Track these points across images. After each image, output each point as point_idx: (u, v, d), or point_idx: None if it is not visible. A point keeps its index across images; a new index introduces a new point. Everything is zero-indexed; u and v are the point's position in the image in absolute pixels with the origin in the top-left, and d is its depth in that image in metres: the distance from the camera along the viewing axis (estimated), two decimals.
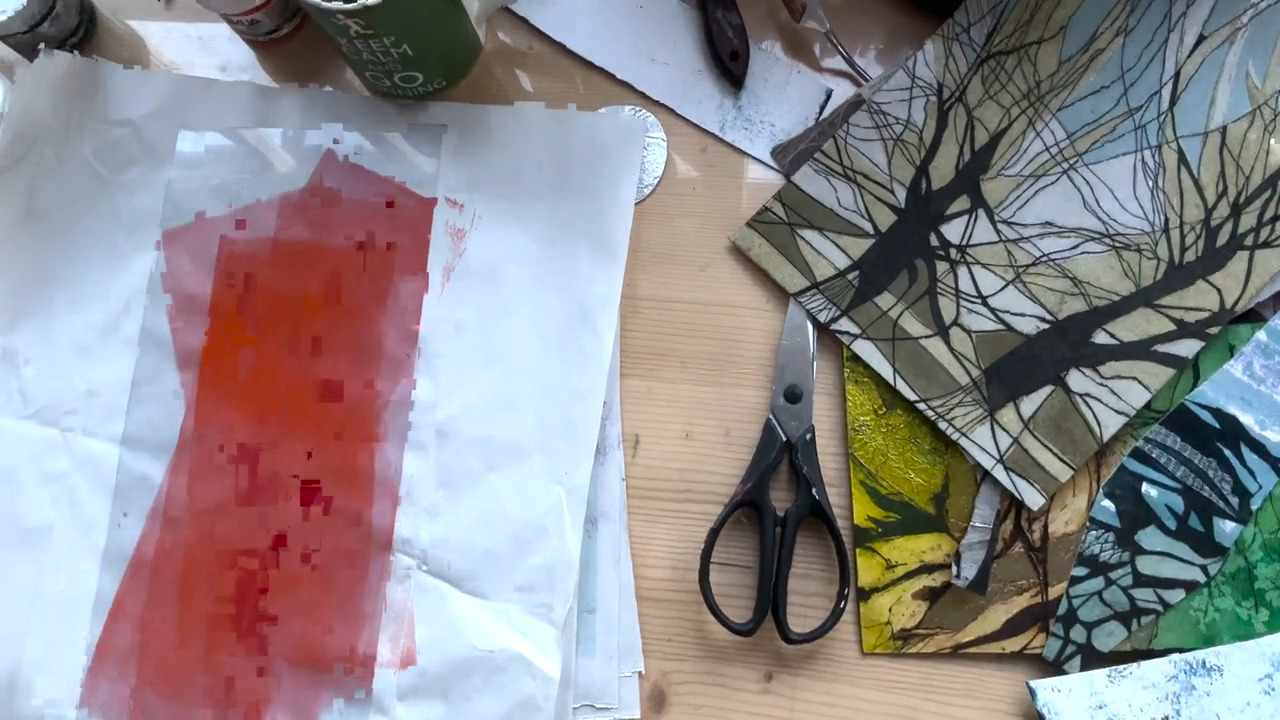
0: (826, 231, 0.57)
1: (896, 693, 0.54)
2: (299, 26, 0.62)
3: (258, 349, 0.57)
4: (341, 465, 0.56)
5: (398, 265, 0.58)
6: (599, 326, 0.56)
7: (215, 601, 0.55)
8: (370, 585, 0.55)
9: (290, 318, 0.58)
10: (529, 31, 0.62)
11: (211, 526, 0.56)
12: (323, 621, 0.54)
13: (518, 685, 0.53)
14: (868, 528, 0.55)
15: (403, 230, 0.58)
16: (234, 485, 0.56)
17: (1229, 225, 0.55)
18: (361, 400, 0.56)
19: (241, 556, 0.55)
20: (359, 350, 0.57)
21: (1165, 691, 0.51)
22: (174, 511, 0.56)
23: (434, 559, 0.55)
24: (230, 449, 0.56)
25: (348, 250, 0.58)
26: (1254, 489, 0.53)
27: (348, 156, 0.59)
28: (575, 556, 0.54)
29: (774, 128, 0.60)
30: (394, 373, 0.57)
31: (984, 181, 0.56)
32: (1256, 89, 0.55)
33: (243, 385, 0.57)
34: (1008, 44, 0.57)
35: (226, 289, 0.58)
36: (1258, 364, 0.54)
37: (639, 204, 0.59)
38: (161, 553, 0.55)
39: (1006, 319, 0.55)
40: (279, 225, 0.59)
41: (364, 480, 0.56)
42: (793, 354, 0.57)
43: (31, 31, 0.59)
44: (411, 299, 0.58)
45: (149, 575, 0.55)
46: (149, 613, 0.55)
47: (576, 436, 0.55)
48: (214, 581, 0.55)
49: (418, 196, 0.59)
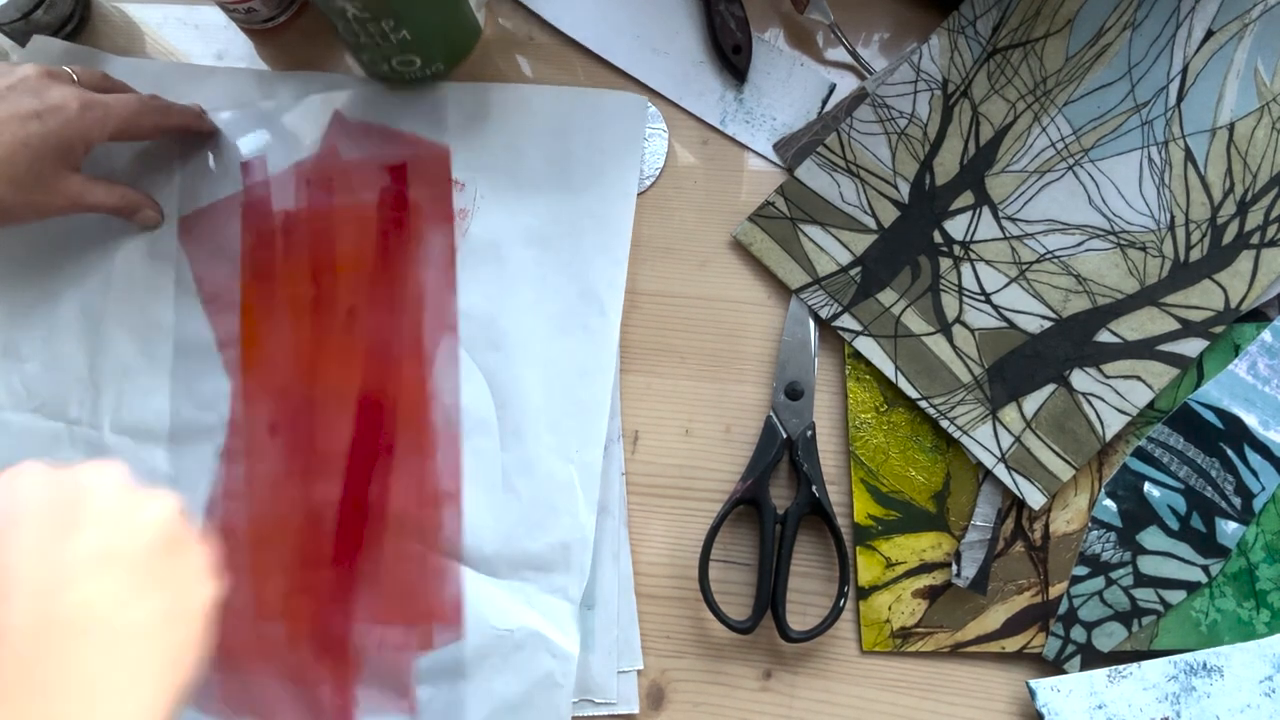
0: (829, 226, 0.57)
1: (896, 691, 0.54)
2: (296, 14, 0.62)
3: (294, 320, 0.57)
4: (400, 419, 0.55)
5: (425, 214, 0.58)
6: (605, 305, 0.56)
7: (288, 575, 0.54)
8: (440, 540, 0.54)
9: (324, 283, 0.57)
10: (529, 18, 0.61)
11: (273, 501, 0.55)
12: (397, 583, 0.54)
13: (537, 663, 0.53)
14: (868, 526, 0.54)
15: (423, 180, 0.58)
16: (289, 459, 0.56)
17: (1235, 223, 0.54)
18: (409, 354, 0.56)
19: (307, 525, 0.55)
20: (398, 304, 0.56)
21: (1165, 692, 0.51)
22: (234, 492, 0.55)
23: (449, 540, 0.54)
24: (282, 424, 0.56)
25: (371, 208, 0.58)
26: (1257, 489, 0.53)
27: (356, 118, 0.59)
28: (590, 534, 0.54)
29: (775, 121, 0.59)
30: (438, 322, 0.56)
31: (988, 177, 0.56)
32: (1265, 85, 0.55)
33: (286, 358, 0.56)
34: (1014, 38, 0.57)
35: (255, 266, 0.58)
36: (1262, 364, 0.54)
37: (640, 196, 0.58)
38: (229, 534, 0.55)
39: (1010, 316, 0.55)
40: (298, 194, 0.58)
41: (424, 431, 0.55)
42: (794, 350, 0.56)
43: (26, 19, 0.58)
44: (443, 246, 0.57)
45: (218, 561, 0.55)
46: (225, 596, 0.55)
47: (586, 415, 0.55)
48: (284, 556, 0.55)
49: (432, 144, 0.58)
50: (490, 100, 0.59)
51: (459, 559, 0.54)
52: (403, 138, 0.59)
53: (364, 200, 0.58)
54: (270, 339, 0.57)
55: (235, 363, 0.56)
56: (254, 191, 0.58)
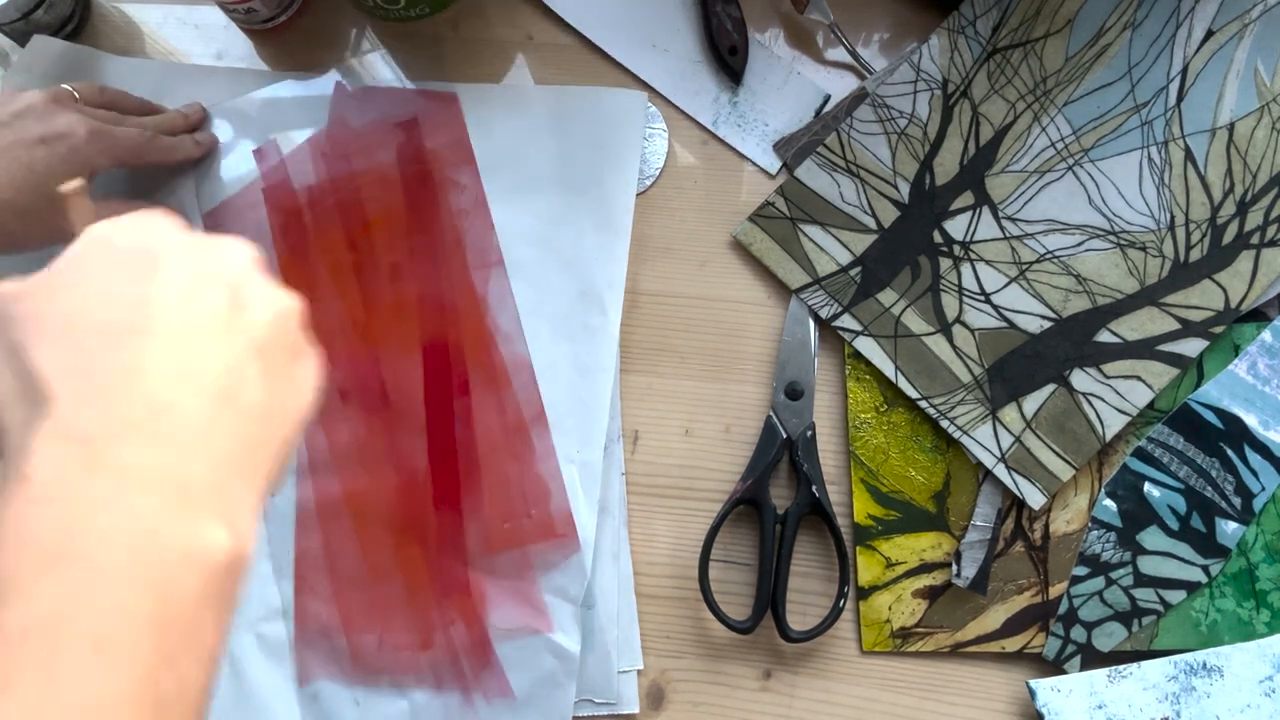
0: (829, 227, 0.57)
1: (896, 691, 0.54)
2: (297, 14, 0.62)
3: (339, 288, 0.57)
4: (469, 358, 0.55)
5: (446, 160, 0.58)
6: (606, 304, 0.56)
7: (394, 532, 0.54)
8: (542, 449, 0.55)
9: (361, 247, 0.57)
10: (530, 12, 0.61)
11: (360, 465, 0.55)
12: (502, 510, 0.54)
13: (538, 663, 0.53)
14: (868, 526, 0.54)
15: (438, 128, 0.58)
16: (369, 421, 0.55)
17: (1235, 223, 0.54)
18: (461, 295, 0.56)
19: (400, 479, 0.55)
20: (439, 251, 0.57)
21: (1165, 692, 0.51)
22: (320, 465, 0.55)
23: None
24: (351, 389, 0.56)
25: (391, 167, 0.58)
26: (1257, 489, 0.53)
27: (357, 84, 0.59)
28: (590, 534, 0.54)
29: (767, 127, 0.59)
30: (482, 259, 0.57)
31: (988, 177, 0.56)
32: (1265, 86, 0.55)
33: (339, 325, 0.56)
34: (1014, 38, 0.57)
35: (289, 245, 0.57)
36: (1262, 364, 0.54)
37: (640, 195, 0.58)
38: (324, 506, 0.55)
39: (1010, 317, 0.55)
40: (316, 169, 0.58)
41: (494, 364, 0.56)
42: (794, 350, 0.56)
43: (26, 19, 0.58)
44: (472, 186, 0.57)
45: (319, 533, 0.55)
46: (335, 565, 0.54)
47: (587, 415, 0.55)
48: (385, 515, 0.55)
49: (438, 94, 0.59)
50: (490, 101, 0.59)
51: (558, 477, 0.54)
52: (408, 94, 0.59)
53: (383, 161, 0.58)
54: (318, 310, 0.56)
55: None
56: (272, 175, 0.58)
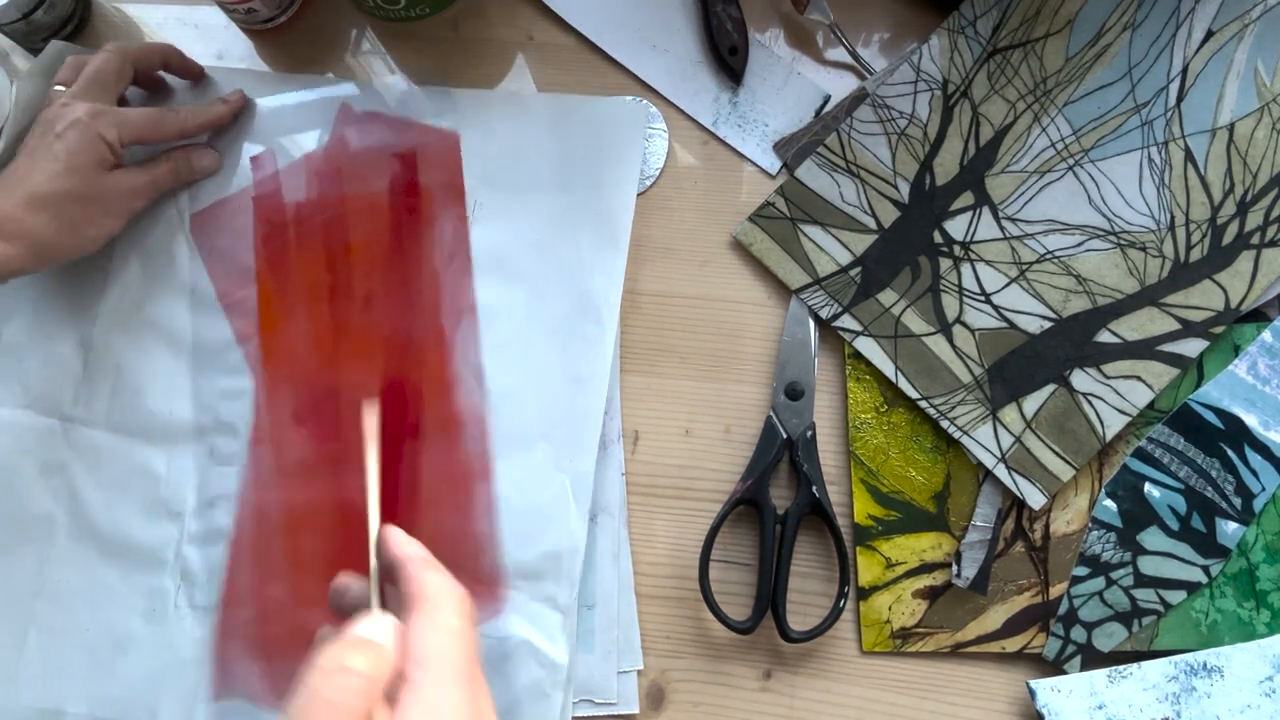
0: (829, 227, 0.57)
1: (896, 692, 0.54)
2: (297, 14, 0.62)
3: (312, 309, 0.57)
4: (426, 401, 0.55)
5: (436, 200, 0.58)
6: (602, 315, 0.56)
7: (325, 562, 0.54)
8: (481, 506, 0.54)
9: (339, 271, 0.57)
10: (530, 13, 0.61)
11: (302, 491, 0.55)
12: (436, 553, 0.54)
13: (525, 672, 0.52)
14: (868, 526, 0.54)
15: (434, 166, 0.58)
16: (317, 447, 0.55)
17: (1235, 224, 0.54)
18: (429, 337, 0.56)
19: (339, 512, 0.55)
20: (414, 289, 0.57)
21: (1165, 692, 0.51)
22: (264, 482, 0.55)
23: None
24: (306, 413, 0.56)
25: (382, 196, 0.58)
26: (1257, 490, 0.53)
27: (363, 108, 0.59)
28: (581, 544, 0.54)
29: (767, 128, 0.59)
30: (455, 304, 0.56)
31: (988, 177, 0.56)
32: (1265, 86, 0.55)
33: (306, 347, 0.56)
34: (1014, 38, 0.57)
35: (270, 258, 0.58)
36: (1262, 364, 0.54)
37: (640, 196, 0.58)
38: (262, 524, 0.55)
39: (1010, 317, 0.55)
40: (309, 185, 0.58)
41: (450, 412, 0.55)
42: (794, 350, 0.56)
43: (26, 19, 0.58)
44: (457, 230, 0.57)
45: (251, 554, 0.55)
46: (264, 588, 0.54)
47: (580, 425, 0.55)
48: (319, 543, 0.55)
49: (440, 131, 0.59)
50: (490, 107, 0.59)
51: (493, 536, 0.54)
52: (411, 126, 0.59)
53: (375, 189, 0.58)
54: (289, 329, 0.57)
55: (255, 355, 0.56)
56: (265, 185, 0.58)
